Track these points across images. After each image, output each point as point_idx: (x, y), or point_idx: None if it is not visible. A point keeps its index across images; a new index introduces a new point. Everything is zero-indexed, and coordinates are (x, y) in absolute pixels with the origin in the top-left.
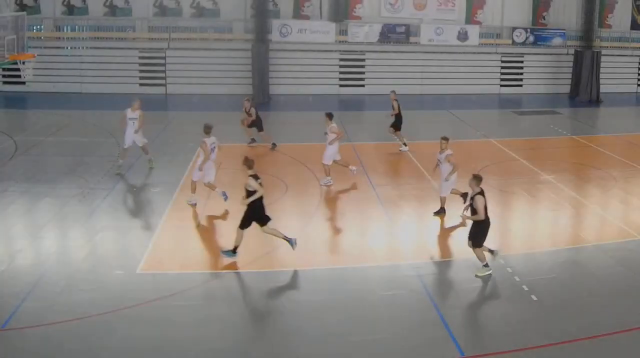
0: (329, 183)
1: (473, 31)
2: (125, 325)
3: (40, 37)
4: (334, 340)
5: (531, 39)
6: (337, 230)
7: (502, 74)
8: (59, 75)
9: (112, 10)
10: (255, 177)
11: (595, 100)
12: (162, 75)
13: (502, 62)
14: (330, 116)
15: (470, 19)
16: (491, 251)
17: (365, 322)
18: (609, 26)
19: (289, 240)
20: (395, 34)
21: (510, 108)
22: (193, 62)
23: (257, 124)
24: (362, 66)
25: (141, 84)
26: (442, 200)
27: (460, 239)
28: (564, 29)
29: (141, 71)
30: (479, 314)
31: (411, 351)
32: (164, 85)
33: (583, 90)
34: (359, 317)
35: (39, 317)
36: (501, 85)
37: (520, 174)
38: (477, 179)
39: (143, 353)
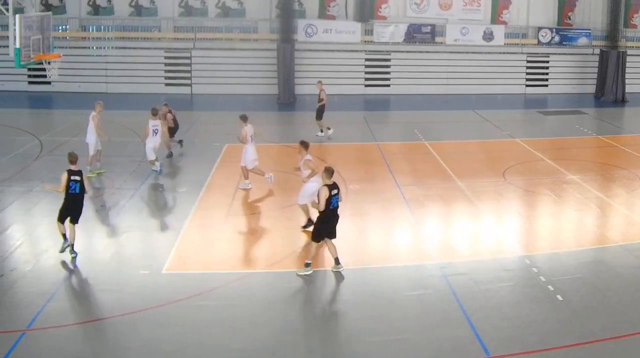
0: (247, 187)
1: (498, 31)
2: (150, 325)
3: (66, 37)
4: (360, 340)
5: (557, 39)
6: (362, 230)
7: (528, 74)
8: (84, 75)
9: (138, 10)
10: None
11: (620, 100)
12: (188, 75)
13: (528, 62)
14: (244, 119)
15: (495, 19)
16: (337, 261)
17: (391, 321)
18: (635, 26)
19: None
20: (421, 34)
21: (535, 108)
22: (218, 62)
23: (173, 130)
24: (388, 66)
25: (167, 84)
26: (304, 210)
27: (485, 239)
28: (590, 29)
29: (167, 71)
30: (505, 314)
31: (436, 351)
32: (190, 85)
33: (608, 90)
34: (384, 317)
35: (64, 317)
36: (527, 85)
37: (546, 174)
38: (328, 171)
39: (168, 353)
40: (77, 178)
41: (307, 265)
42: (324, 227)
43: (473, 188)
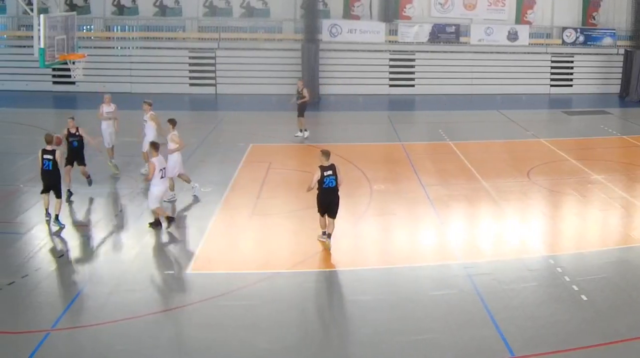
0: (173, 199)
1: (523, 31)
2: (175, 325)
3: (90, 37)
4: (384, 340)
5: (581, 39)
6: (387, 230)
7: (552, 74)
8: (108, 75)
9: (162, 10)
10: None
11: None
12: (212, 75)
13: (552, 62)
14: (173, 123)
15: (520, 19)
16: (329, 236)
17: (415, 321)
18: None
19: None
20: (445, 34)
21: (560, 108)
22: (243, 62)
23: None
24: (412, 66)
25: (191, 84)
26: (156, 212)
27: (510, 239)
28: (614, 29)
29: (191, 71)
30: (529, 314)
31: (461, 351)
32: (214, 85)
33: (633, 90)
34: (409, 317)
35: (89, 316)
36: (551, 85)
37: (570, 174)
38: (324, 153)
39: (192, 353)
40: (50, 157)
41: (324, 233)
42: (321, 204)
43: (498, 188)
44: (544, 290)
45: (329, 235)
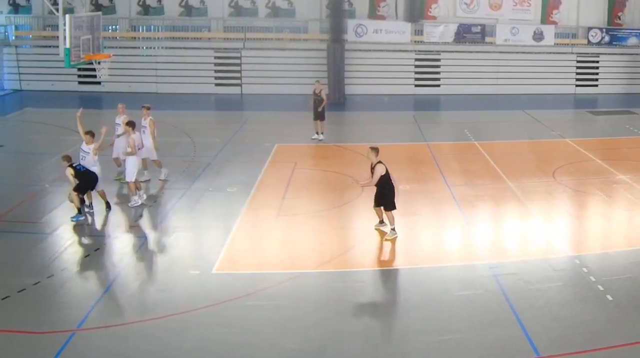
0: (136, 204)
1: (549, 31)
2: (201, 325)
3: (116, 37)
4: (410, 340)
5: (607, 39)
6: (412, 230)
7: (578, 74)
8: (134, 75)
9: (188, 10)
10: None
11: None
12: (238, 75)
13: (578, 62)
14: (132, 125)
15: (545, 19)
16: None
17: (441, 321)
18: None
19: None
20: (471, 34)
21: (585, 108)
22: (268, 62)
23: None
24: (438, 66)
25: (217, 84)
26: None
27: (535, 239)
28: None
29: (216, 71)
30: (555, 314)
31: (487, 351)
32: (240, 85)
33: None
34: (434, 317)
35: (113, 317)
36: (576, 85)
37: (596, 174)
38: (375, 149)
39: (218, 354)
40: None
41: (393, 230)
42: (394, 197)
43: (523, 188)
44: (569, 290)
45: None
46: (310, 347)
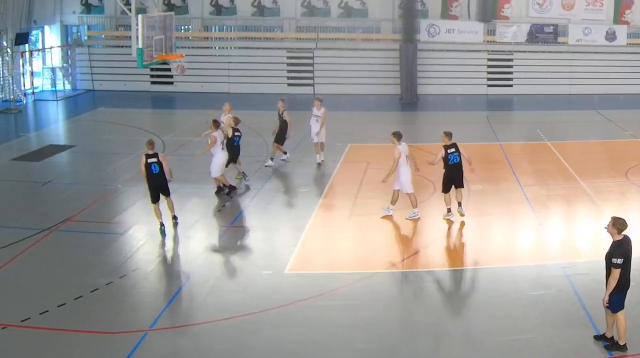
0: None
1: (621, 31)
2: (273, 325)
3: (188, 37)
4: (481, 340)
5: None
6: (484, 230)
7: None
8: (206, 76)
9: (260, 10)
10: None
11: None
12: (310, 75)
13: None
14: (216, 124)
15: (618, 19)
16: (460, 204)
17: (513, 321)
18: None
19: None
20: (544, 34)
21: None
22: (341, 62)
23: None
24: (510, 66)
25: (289, 84)
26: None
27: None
28: None
29: (289, 71)
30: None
31: (559, 352)
32: (312, 85)
33: None
34: (506, 317)
35: (187, 317)
36: None
37: None
38: (447, 134)
39: (290, 353)
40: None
41: (449, 210)
42: (448, 180)
43: (595, 189)
44: None
45: (459, 203)
46: (381, 347)
